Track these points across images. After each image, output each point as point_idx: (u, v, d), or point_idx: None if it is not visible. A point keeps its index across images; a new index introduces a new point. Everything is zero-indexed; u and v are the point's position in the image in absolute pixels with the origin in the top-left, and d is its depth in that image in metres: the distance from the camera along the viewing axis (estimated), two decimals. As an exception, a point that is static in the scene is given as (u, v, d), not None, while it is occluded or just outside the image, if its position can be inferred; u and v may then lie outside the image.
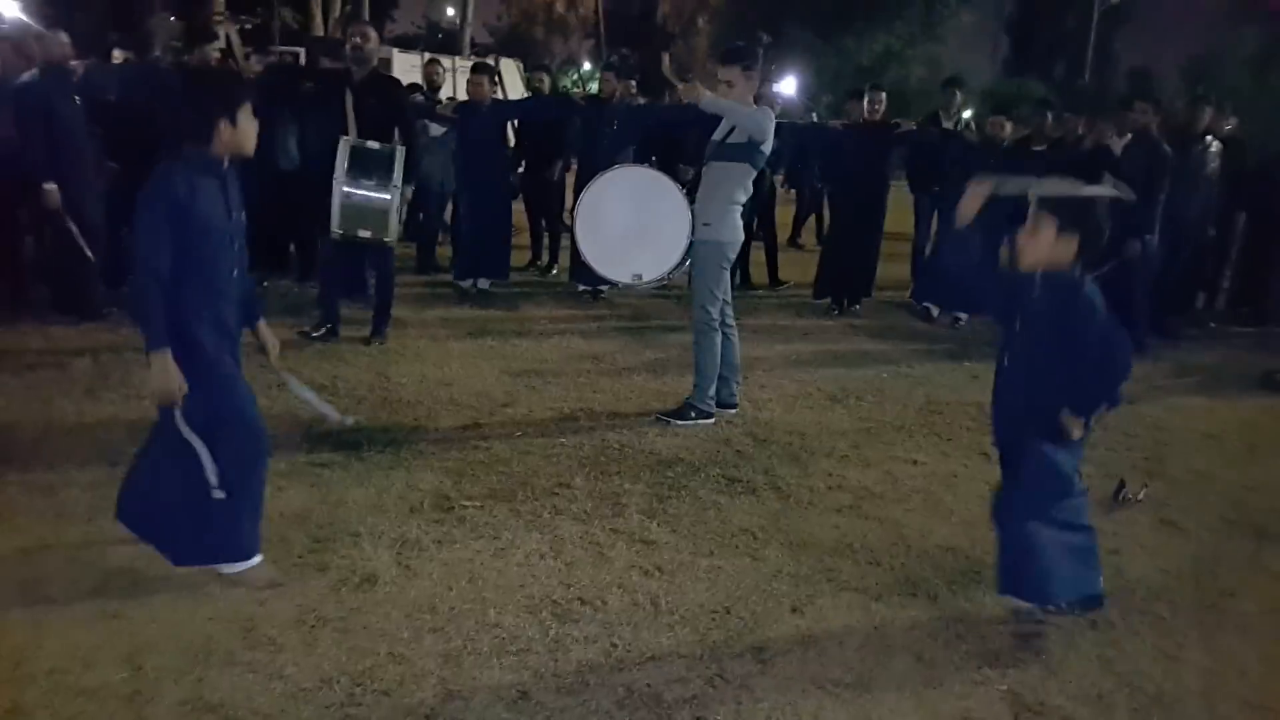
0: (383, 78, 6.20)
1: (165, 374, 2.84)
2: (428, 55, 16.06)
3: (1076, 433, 2.86)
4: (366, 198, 5.38)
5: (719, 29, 38.48)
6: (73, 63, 6.30)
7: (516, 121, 8.71)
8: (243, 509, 3.03)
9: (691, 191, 5.07)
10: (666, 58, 5.52)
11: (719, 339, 4.91)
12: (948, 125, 8.35)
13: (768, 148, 4.73)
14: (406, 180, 5.93)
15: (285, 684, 2.55)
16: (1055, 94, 23.55)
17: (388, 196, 5.26)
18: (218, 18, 27.75)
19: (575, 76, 38.42)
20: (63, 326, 6.03)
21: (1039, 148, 7.49)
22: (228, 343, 3.04)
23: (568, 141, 8.32)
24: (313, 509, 3.69)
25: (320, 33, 29.84)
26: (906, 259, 8.92)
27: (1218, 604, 3.35)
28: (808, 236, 11.61)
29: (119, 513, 3.12)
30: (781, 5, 32.38)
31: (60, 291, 6.32)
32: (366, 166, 5.48)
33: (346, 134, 5.64)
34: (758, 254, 8.90)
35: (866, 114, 7.74)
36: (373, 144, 5.63)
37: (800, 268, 9.03)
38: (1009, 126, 7.48)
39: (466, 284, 7.79)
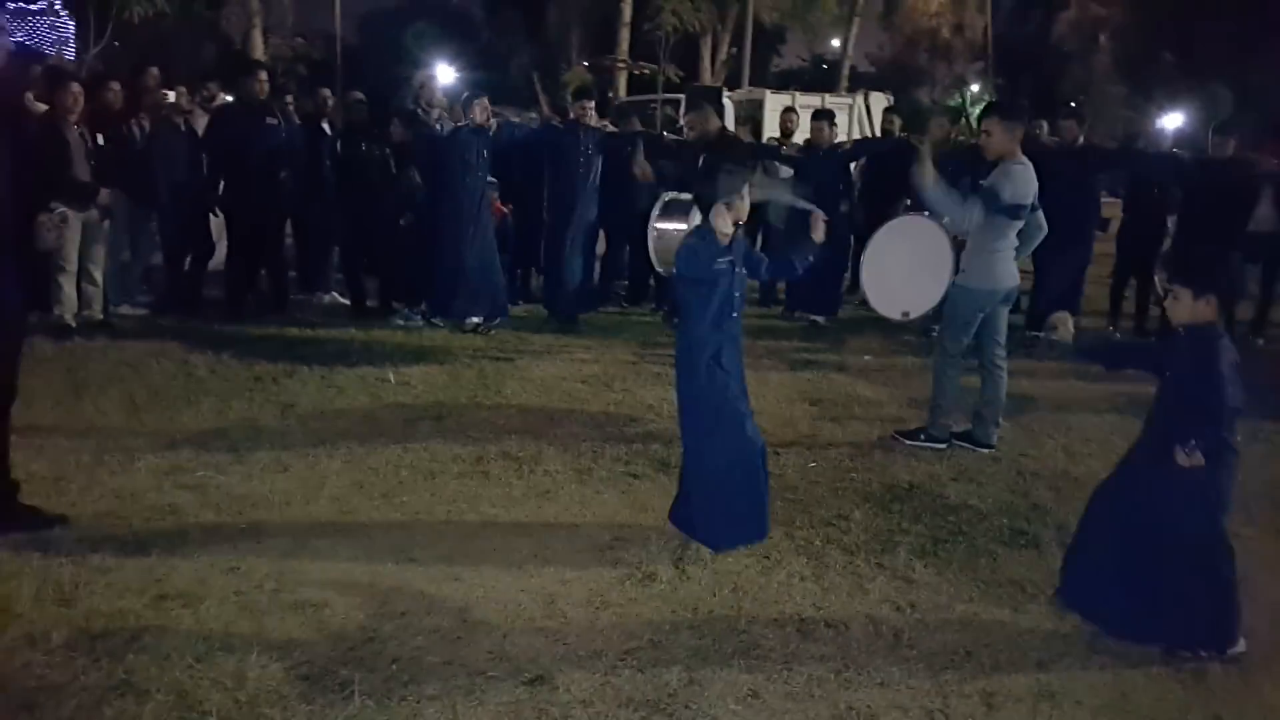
0: (725, 138, 7.39)
1: None
2: (796, 96, 16.78)
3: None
4: (668, 234, 6.21)
5: (1122, 46, 35.42)
6: (492, 120, 7.59)
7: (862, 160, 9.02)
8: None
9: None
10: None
11: (956, 374, 5.23)
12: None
13: (1021, 200, 4.94)
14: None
15: (566, 649, 3.12)
16: None
17: (683, 227, 5.99)
18: (621, 64, 30.99)
19: (959, 99, 37.33)
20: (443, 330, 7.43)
21: None
22: (731, 376, 3.81)
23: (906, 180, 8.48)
24: (620, 512, 4.30)
25: (708, 76, 32.04)
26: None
27: None
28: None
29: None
30: (1195, 10, 29.06)
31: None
32: (672, 211, 6.41)
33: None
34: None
35: (1211, 151, 7.15)
36: (683, 195, 6.46)
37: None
38: None
39: (796, 315, 8.22)
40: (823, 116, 8.03)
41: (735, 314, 3.86)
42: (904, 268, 5.49)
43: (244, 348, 6.74)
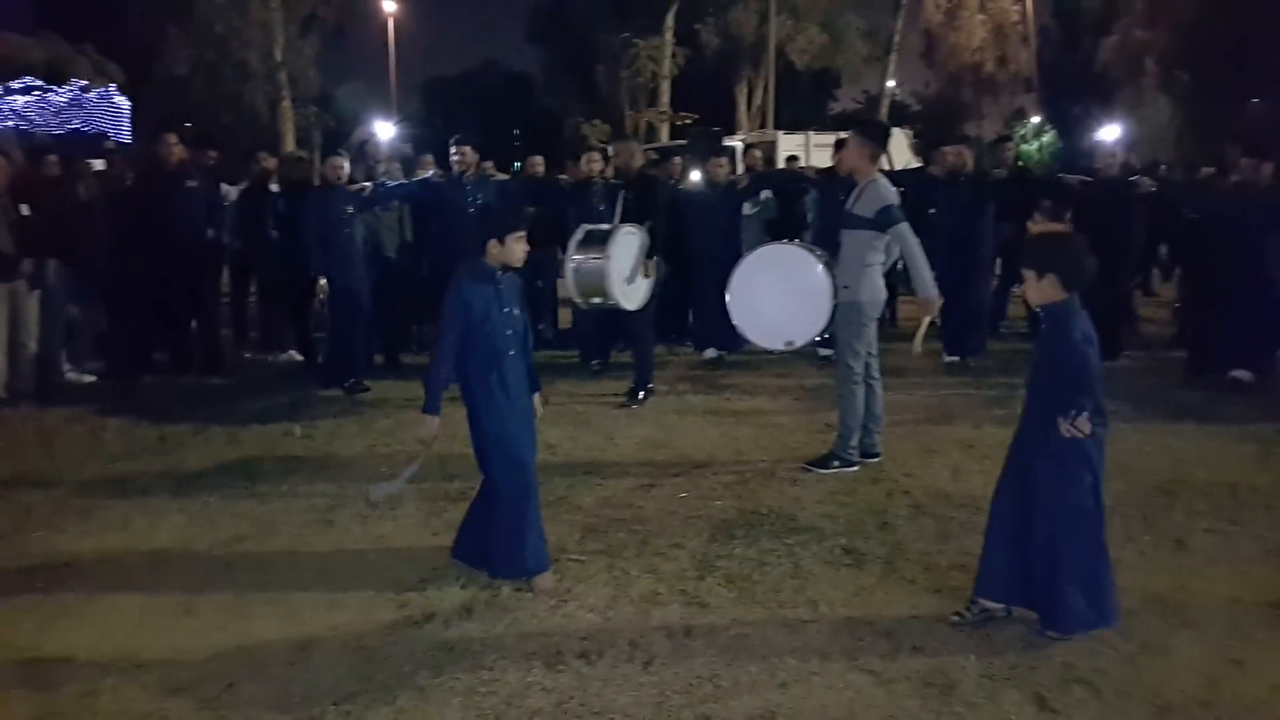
0: (645, 178, 7.14)
1: (430, 430, 3.70)
2: (811, 136, 16.82)
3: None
4: (585, 264, 6.05)
5: (1166, 71, 34.45)
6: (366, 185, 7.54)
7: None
8: (519, 528, 3.67)
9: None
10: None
11: (861, 391, 5.03)
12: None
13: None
14: (650, 255, 6.45)
15: (275, 693, 2.99)
16: None
17: (601, 260, 5.87)
18: (662, 114, 31.52)
19: (1022, 131, 36.70)
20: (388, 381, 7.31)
21: None
22: (509, 398, 3.69)
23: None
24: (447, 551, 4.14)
25: (744, 122, 32.42)
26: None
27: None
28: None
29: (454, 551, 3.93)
30: (1248, 29, 28.03)
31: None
32: (589, 242, 6.21)
33: (610, 222, 6.50)
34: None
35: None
36: (601, 226, 6.31)
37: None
38: None
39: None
40: (723, 154, 8.21)
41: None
42: (776, 298, 5.51)
43: (165, 410, 6.73)
